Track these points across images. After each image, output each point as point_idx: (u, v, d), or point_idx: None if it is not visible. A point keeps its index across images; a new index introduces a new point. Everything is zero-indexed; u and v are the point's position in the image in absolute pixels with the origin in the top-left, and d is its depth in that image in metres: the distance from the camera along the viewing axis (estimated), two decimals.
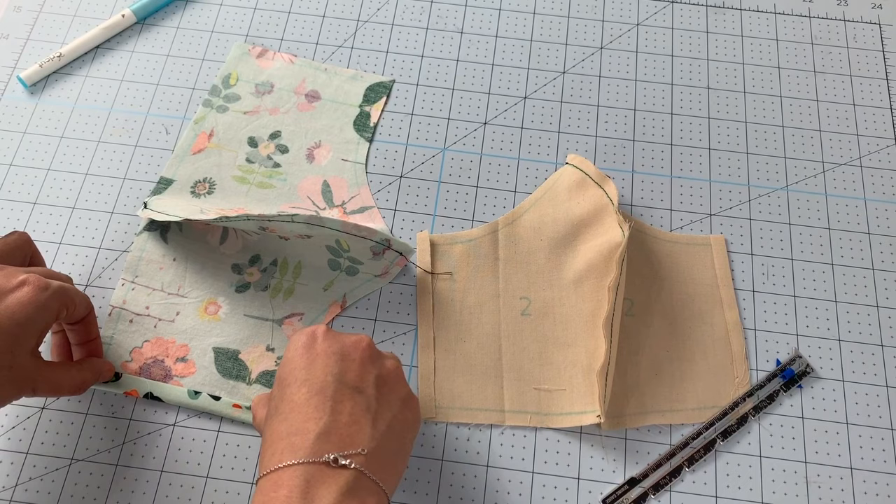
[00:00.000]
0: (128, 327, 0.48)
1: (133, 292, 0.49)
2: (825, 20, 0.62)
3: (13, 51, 0.58)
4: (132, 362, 0.47)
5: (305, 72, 0.57)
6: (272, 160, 0.54)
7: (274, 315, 0.48)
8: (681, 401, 0.47)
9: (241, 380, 0.46)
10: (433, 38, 0.60)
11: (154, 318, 0.48)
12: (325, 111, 0.56)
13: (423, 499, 0.44)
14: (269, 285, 0.49)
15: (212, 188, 0.52)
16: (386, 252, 0.48)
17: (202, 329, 0.48)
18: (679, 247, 0.52)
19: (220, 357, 0.47)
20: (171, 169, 0.53)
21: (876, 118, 0.57)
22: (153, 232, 0.51)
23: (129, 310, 0.48)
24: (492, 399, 0.47)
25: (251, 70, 0.57)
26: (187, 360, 0.47)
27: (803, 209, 0.54)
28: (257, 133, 0.55)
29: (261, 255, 0.50)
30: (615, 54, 0.60)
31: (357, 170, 0.54)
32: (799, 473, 0.45)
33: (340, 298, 0.49)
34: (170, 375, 0.46)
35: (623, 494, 0.44)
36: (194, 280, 0.49)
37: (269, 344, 0.48)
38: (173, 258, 0.50)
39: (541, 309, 0.49)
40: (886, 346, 0.49)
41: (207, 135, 0.54)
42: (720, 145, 0.56)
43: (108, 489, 0.44)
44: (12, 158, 0.54)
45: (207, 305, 0.49)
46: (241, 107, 0.56)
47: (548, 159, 0.55)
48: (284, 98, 0.56)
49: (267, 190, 0.53)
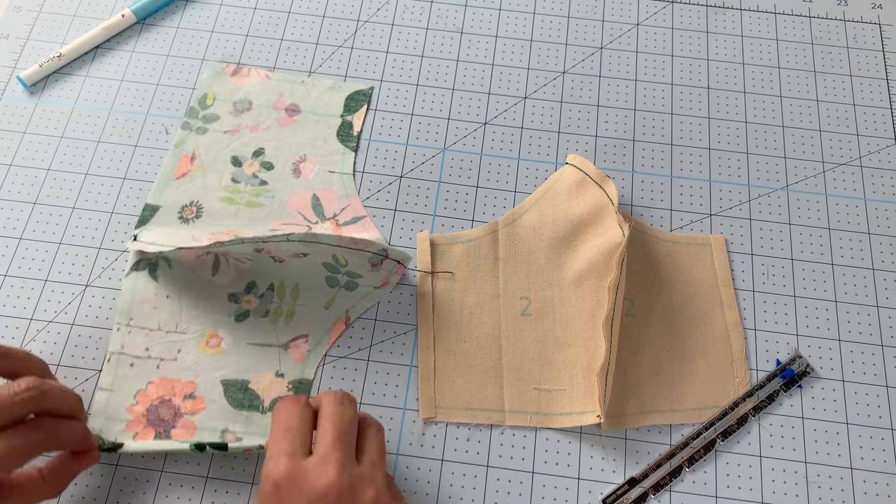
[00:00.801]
0: (129, 371, 0.46)
1: (130, 335, 0.47)
2: (825, 20, 0.62)
3: (13, 51, 0.58)
4: (138, 405, 0.45)
5: (283, 86, 0.57)
6: (258, 178, 0.53)
7: (278, 340, 0.48)
8: (681, 401, 0.47)
9: (255, 409, 0.45)
10: (433, 38, 0.60)
11: (155, 358, 0.47)
12: (307, 124, 0.55)
13: (423, 499, 0.44)
14: (269, 310, 0.48)
15: (199, 211, 0.51)
16: (384, 262, 0.48)
17: (206, 363, 0.47)
18: (679, 247, 0.52)
19: (230, 389, 0.46)
20: (156, 196, 0.52)
21: (876, 118, 0.57)
22: (141, 272, 0.49)
23: (129, 353, 0.47)
24: (492, 399, 0.47)
25: (227, 89, 0.56)
26: (196, 397, 0.46)
27: (803, 209, 0.54)
28: (240, 152, 0.54)
29: (256, 282, 0.49)
30: (615, 54, 0.60)
31: (345, 180, 0.53)
32: (799, 473, 0.45)
33: (344, 315, 0.48)
34: (179, 413, 0.45)
35: (623, 494, 0.44)
36: (191, 315, 0.48)
37: (278, 370, 0.47)
38: (166, 295, 0.48)
39: (541, 309, 0.49)
40: (886, 346, 0.49)
41: (189, 158, 0.53)
42: (720, 145, 0.56)
43: (108, 489, 0.44)
44: (12, 158, 0.54)
45: (208, 339, 0.47)
46: (220, 126, 0.55)
47: (548, 159, 0.55)
48: (264, 114, 0.55)
49: (256, 209, 0.52)
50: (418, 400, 0.47)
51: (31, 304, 0.49)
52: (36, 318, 0.48)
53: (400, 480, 0.45)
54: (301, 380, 0.47)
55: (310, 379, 0.47)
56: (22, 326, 0.48)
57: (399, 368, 0.48)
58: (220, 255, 0.49)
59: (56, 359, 0.47)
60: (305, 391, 0.46)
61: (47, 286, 0.49)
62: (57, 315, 0.49)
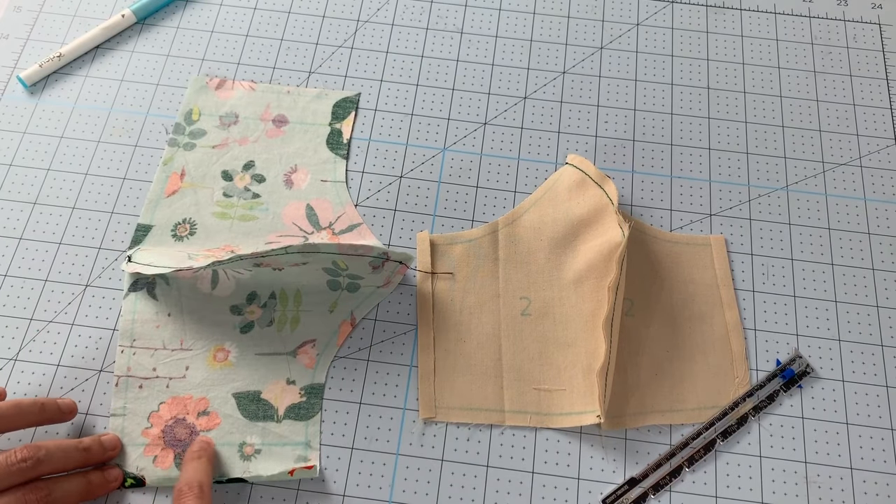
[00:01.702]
0: (139, 394, 0.46)
1: (135, 357, 0.47)
2: (825, 20, 0.62)
3: (13, 51, 0.58)
4: (152, 427, 0.45)
5: (268, 97, 0.56)
6: (250, 191, 0.52)
7: (286, 348, 0.47)
8: (681, 401, 0.47)
9: (270, 419, 0.45)
10: (433, 38, 0.60)
11: (164, 378, 0.46)
12: (296, 134, 0.55)
13: (423, 499, 0.44)
14: (274, 319, 0.48)
15: (193, 228, 0.51)
16: (385, 264, 0.47)
17: (216, 378, 0.46)
18: (679, 247, 0.52)
19: (243, 401, 0.46)
20: (148, 215, 0.52)
21: (876, 118, 0.57)
22: (139, 291, 0.49)
23: (137, 375, 0.46)
24: (492, 399, 0.47)
25: (212, 103, 0.56)
26: (209, 413, 0.45)
27: (803, 209, 0.54)
28: (230, 166, 0.53)
29: (257, 292, 0.49)
30: (615, 54, 0.60)
31: (338, 189, 0.53)
32: (799, 473, 0.45)
33: (349, 316, 0.48)
34: (195, 432, 0.45)
35: (623, 494, 0.44)
36: (195, 331, 0.48)
37: (289, 377, 0.47)
38: (168, 313, 0.48)
39: (541, 309, 0.49)
40: (886, 346, 0.49)
41: (179, 175, 0.53)
42: (720, 145, 0.56)
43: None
44: (12, 158, 0.54)
45: (216, 353, 0.47)
46: (208, 141, 0.54)
47: (548, 159, 0.55)
48: (251, 126, 0.55)
49: (251, 222, 0.51)
50: (418, 400, 0.47)
51: (31, 304, 0.49)
52: (36, 318, 0.48)
53: (400, 480, 0.45)
54: (313, 385, 0.47)
55: (321, 383, 0.47)
56: (22, 326, 0.48)
57: (399, 368, 0.48)
58: (218, 269, 0.49)
59: (56, 359, 0.47)
60: (318, 396, 0.46)
61: (47, 286, 0.49)
62: (57, 315, 0.49)
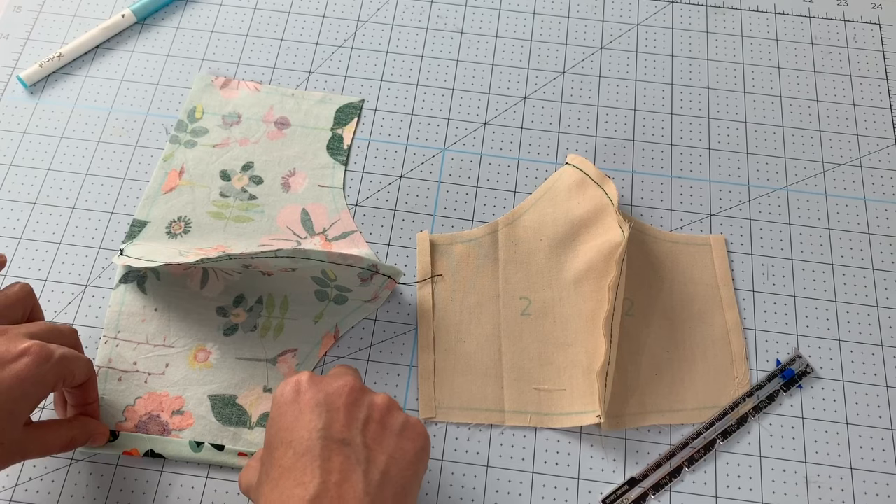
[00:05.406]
0: (117, 386, 0.46)
1: (118, 349, 0.47)
2: (825, 20, 0.62)
3: (13, 51, 0.58)
4: (126, 421, 0.45)
5: (272, 99, 0.56)
6: (247, 192, 0.52)
7: (266, 354, 0.47)
8: (681, 401, 0.47)
9: (242, 425, 0.45)
10: (433, 38, 0.60)
11: (143, 373, 0.46)
12: (297, 137, 0.55)
13: (424, 499, 0.44)
14: (258, 325, 0.48)
15: (188, 226, 0.51)
16: (374, 277, 0.47)
17: (195, 378, 0.46)
18: (679, 247, 0.52)
19: (218, 404, 0.46)
20: (144, 210, 0.52)
21: (876, 118, 0.57)
22: (129, 284, 0.49)
23: (117, 367, 0.46)
24: (492, 399, 0.47)
25: (216, 102, 0.56)
26: (183, 412, 0.45)
27: (803, 209, 0.54)
28: (229, 166, 0.53)
29: (245, 295, 0.49)
30: (615, 54, 0.60)
31: (335, 195, 0.53)
32: (799, 473, 0.45)
33: (332, 329, 0.48)
34: (167, 430, 0.45)
35: (623, 494, 0.44)
36: (179, 329, 0.48)
37: (266, 385, 0.46)
38: (154, 308, 0.48)
39: (541, 309, 0.49)
40: (886, 346, 0.49)
41: (178, 172, 0.53)
42: (720, 145, 0.56)
43: (108, 489, 0.44)
44: (12, 158, 0.54)
45: (197, 353, 0.47)
46: (209, 140, 0.54)
47: (548, 159, 0.55)
48: (253, 127, 0.55)
49: (245, 223, 0.51)
50: (418, 400, 0.47)
51: None
52: None
53: None
54: None
55: None
56: None
57: (399, 368, 0.48)
58: (209, 268, 0.49)
59: None
60: None
61: (47, 286, 0.49)
62: (57, 315, 0.49)
